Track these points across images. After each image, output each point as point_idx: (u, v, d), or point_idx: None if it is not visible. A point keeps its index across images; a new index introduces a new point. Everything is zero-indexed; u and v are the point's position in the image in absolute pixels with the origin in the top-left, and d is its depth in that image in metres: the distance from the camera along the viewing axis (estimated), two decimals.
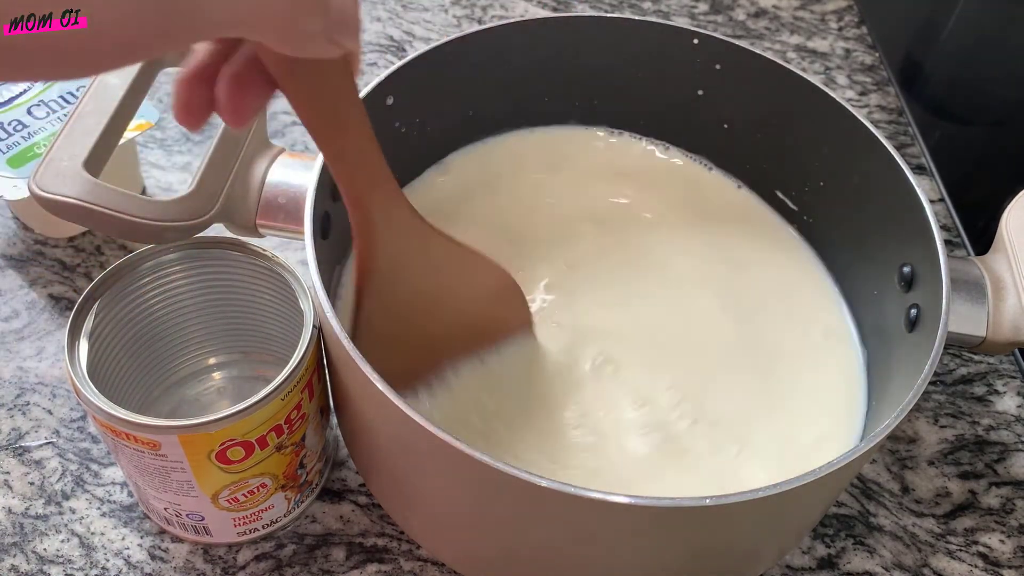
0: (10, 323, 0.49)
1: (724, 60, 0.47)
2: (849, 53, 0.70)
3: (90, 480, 0.43)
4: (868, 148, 0.42)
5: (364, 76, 0.64)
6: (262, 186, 0.39)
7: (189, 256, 0.40)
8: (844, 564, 0.43)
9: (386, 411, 0.32)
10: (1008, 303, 0.39)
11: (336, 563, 0.41)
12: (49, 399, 0.46)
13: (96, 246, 0.52)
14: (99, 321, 0.38)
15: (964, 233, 0.57)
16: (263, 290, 0.41)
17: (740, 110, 0.48)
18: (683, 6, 0.73)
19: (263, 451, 0.36)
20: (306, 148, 0.59)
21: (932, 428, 0.48)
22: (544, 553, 0.36)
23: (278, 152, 0.40)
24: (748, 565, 0.39)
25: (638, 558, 0.34)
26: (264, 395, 0.35)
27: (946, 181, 0.60)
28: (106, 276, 0.38)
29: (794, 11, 0.73)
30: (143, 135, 0.52)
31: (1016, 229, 0.41)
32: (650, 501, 0.30)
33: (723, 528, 0.34)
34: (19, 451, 0.44)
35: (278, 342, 0.42)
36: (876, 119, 0.65)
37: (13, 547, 0.41)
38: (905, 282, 0.41)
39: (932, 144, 0.62)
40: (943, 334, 0.35)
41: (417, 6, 0.70)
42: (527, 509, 0.33)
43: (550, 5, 0.72)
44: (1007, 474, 0.46)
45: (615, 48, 0.48)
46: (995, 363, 0.51)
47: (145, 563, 0.41)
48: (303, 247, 0.36)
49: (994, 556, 0.44)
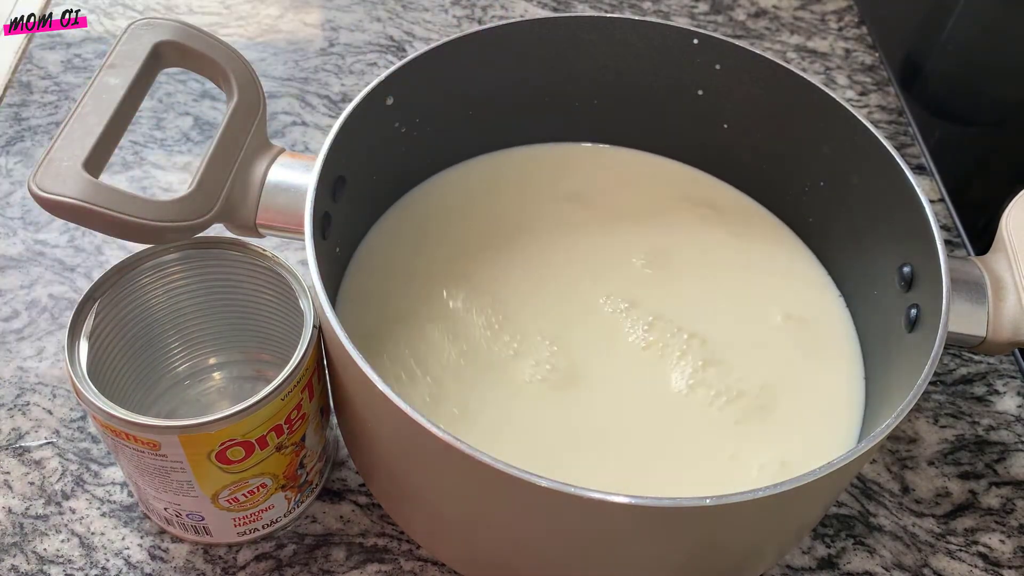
0: (10, 323, 0.49)
1: (724, 60, 0.47)
2: (849, 53, 0.70)
3: (90, 480, 0.43)
4: (868, 148, 0.42)
5: (364, 76, 0.64)
6: (262, 186, 0.39)
7: (189, 256, 0.40)
8: (844, 564, 0.43)
9: (386, 411, 0.32)
10: (1008, 303, 0.39)
11: (336, 563, 0.41)
12: (49, 399, 0.46)
13: (96, 246, 0.52)
14: (99, 321, 0.38)
15: (964, 233, 0.57)
16: (263, 290, 0.41)
17: (740, 110, 0.48)
18: (683, 6, 0.73)
19: (263, 451, 0.36)
20: (306, 148, 0.59)
21: (932, 428, 0.48)
22: (544, 553, 0.36)
23: (278, 152, 0.40)
24: (748, 565, 0.39)
25: (638, 558, 0.34)
26: (264, 395, 0.35)
27: (946, 181, 0.60)
28: (106, 276, 0.38)
29: (794, 11, 0.73)
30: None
31: (1016, 229, 0.41)
32: (650, 501, 0.30)
33: (723, 528, 0.33)
34: (19, 451, 0.44)
35: (278, 342, 0.42)
36: (876, 119, 0.65)
37: (13, 547, 0.41)
38: (905, 282, 0.41)
39: (932, 144, 0.62)
40: (943, 334, 0.35)
41: (417, 6, 0.70)
42: (527, 509, 0.33)
43: (550, 5, 0.72)
44: (1007, 474, 0.46)
45: (615, 48, 0.48)
46: (995, 363, 0.51)
47: (145, 563, 0.41)
48: (303, 247, 0.36)
49: (994, 556, 0.44)
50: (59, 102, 0.60)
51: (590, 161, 0.52)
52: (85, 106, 0.37)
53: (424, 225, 0.48)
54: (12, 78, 0.61)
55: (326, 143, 0.39)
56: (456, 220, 0.48)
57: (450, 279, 0.45)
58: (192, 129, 0.59)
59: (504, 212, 0.49)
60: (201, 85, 0.62)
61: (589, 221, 0.49)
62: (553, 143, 0.52)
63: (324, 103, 0.62)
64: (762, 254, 0.48)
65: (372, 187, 0.46)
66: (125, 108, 0.38)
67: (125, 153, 0.57)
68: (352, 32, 0.68)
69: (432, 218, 0.48)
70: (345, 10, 0.69)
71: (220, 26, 0.67)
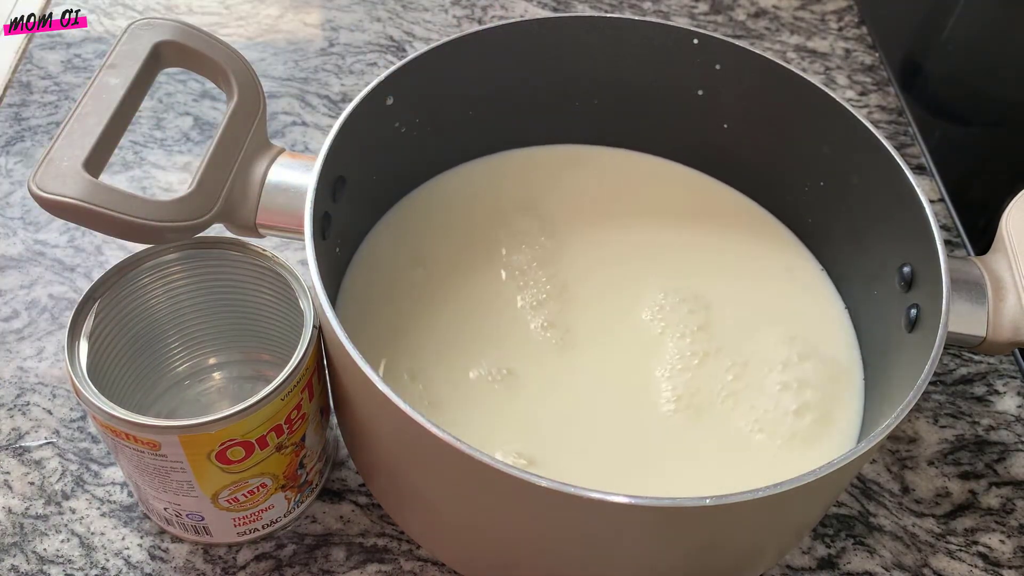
0: (10, 323, 0.49)
1: (724, 60, 0.46)
2: (849, 53, 0.70)
3: (90, 480, 0.43)
4: (868, 148, 0.42)
5: (364, 76, 0.64)
6: (262, 186, 0.39)
7: (189, 256, 0.40)
8: (844, 564, 0.43)
9: (386, 411, 0.32)
10: (1008, 303, 0.39)
11: (336, 563, 0.41)
12: (49, 399, 0.46)
13: (96, 246, 0.52)
14: (99, 321, 0.38)
15: (964, 233, 0.57)
16: (263, 290, 0.41)
17: (740, 110, 0.48)
18: (683, 6, 0.73)
19: (263, 451, 0.36)
20: (306, 148, 0.59)
21: (932, 428, 0.48)
22: (544, 553, 0.36)
23: (278, 152, 0.40)
24: (748, 565, 0.39)
25: (638, 558, 0.34)
26: (264, 395, 0.35)
27: (946, 181, 0.60)
28: (106, 276, 0.38)
29: (794, 11, 0.73)
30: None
31: (1016, 229, 0.41)
32: (650, 501, 0.30)
33: (723, 528, 0.33)
34: (19, 451, 0.44)
35: (278, 342, 0.42)
36: (876, 119, 0.65)
37: (13, 547, 0.41)
38: (905, 282, 0.41)
39: (932, 144, 0.62)
40: (943, 334, 0.35)
41: (417, 6, 0.70)
42: (527, 509, 0.33)
43: (550, 5, 0.72)
44: (1007, 474, 0.46)
45: (615, 48, 0.48)
46: (995, 363, 0.51)
47: (145, 563, 0.41)
48: (303, 247, 0.36)
49: (994, 556, 0.44)
50: (59, 102, 0.60)
51: (590, 162, 0.52)
52: (85, 106, 0.37)
53: (424, 225, 0.48)
54: (12, 78, 0.61)
55: (326, 143, 0.39)
56: (456, 220, 0.48)
57: (450, 279, 0.45)
58: (192, 129, 0.59)
59: (504, 213, 0.49)
60: (201, 85, 0.62)
61: (588, 222, 0.49)
62: (553, 144, 0.52)
63: (324, 103, 0.62)
64: (761, 254, 0.48)
65: (372, 187, 0.46)
66: (125, 108, 0.38)
67: (125, 153, 0.57)
68: (352, 32, 0.68)
69: (432, 218, 0.48)
70: (345, 10, 0.69)
71: (220, 26, 0.67)
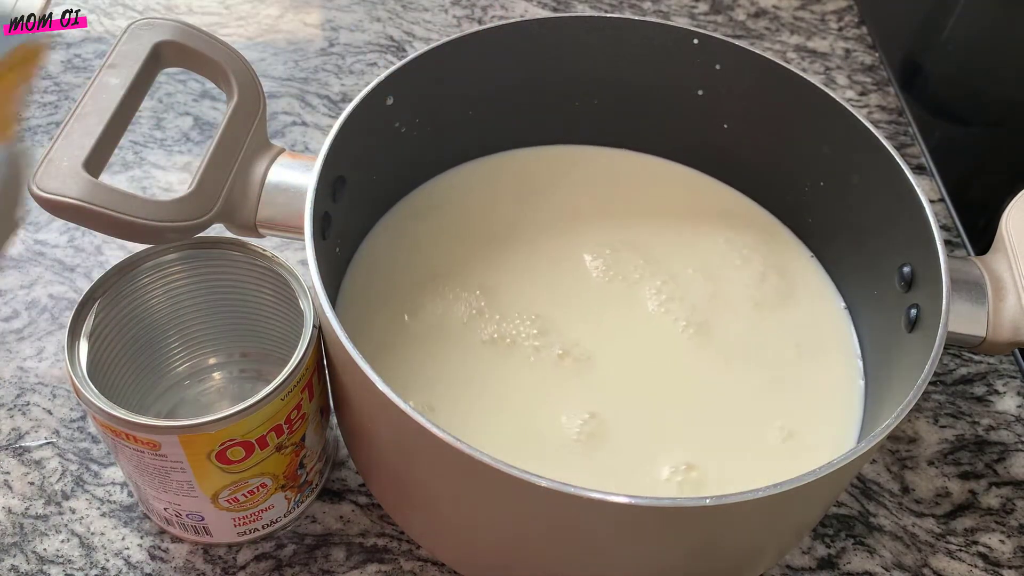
0: (10, 323, 0.49)
1: (724, 60, 0.46)
2: (849, 53, 0.70)
3: (90, 480, 0.43)
4: (868, 148, 0.42)
5: (364, 76, 0.64)
6: (262, 186, 0.39)
7: (189, 256, 0.40)
8: (844, 564, 0.43)
9: (386, 411, 0.32)
10: (1008, 303, 0.39)
11: (336, 563, 0.41)
12: (49, 399, 0.46)
13: (96, 246, 0.52)
14: (99, 321, 0.38)
15: (964, 233, 0.57)
16: (263, 290, 0.41)
17: (740, 110, 0.48)
18: (683, 6, 0.73)
19: (263, 451, 0.36)
20: (306, 148, 0.59)
21: (932, 428, 0.48)
22: (544, 553, 0.36)
23: (278, 152, 0.40)
24: (748, 565, 0.39)
25: (638, 558, 0.34)
26: (264, 395, 0.35)
27: (946, 181, 0.60)
28: (106, 276, 0.38)
29: (794, 11, 0.73)
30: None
31: (1016, 229, 0.41)
32: (650, 501, 0.30)
33: (723, 528, 0.33)
34: (19, 451, 0.44)
35: (278, 342, 0.42)
36: (876, 119, 0.65)
37: (13, 547, 0.41)
38: (905, 282, 0.41)
39: (932, 144, 0.62)
40: (943, 334, 0.35)
41: (417, 6, 0.70)
42: (527, 509, 0.33)
43: (550, 5, 0.72)
44: (1007, 474, 0.46)
45: (615, 48, 0.48)
46: (995, 363, 0.51)
47: (145, 563, 0.41)
48: (303, 247, 0.36)
49: (994, 556, 0.44)
50: (59, 102, 0.60)
51: (590, 162, 0.52)
52: (85, 106, 0.37)
53: (424, 225, 0.48)
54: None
55: (326, 143, 0.39)
56: (456, 220, 0.48)
57: (450, 279, 0.45)
58: (192, 129, 0.59)
59: (504, 213, 0.49)
60: (201, 85, 0.62)
61: (589, 222, 0.49)
62: (553, 144, 0.52)
63: (324, 103, 0.62)
64: (761, 254, 0.48)
65: (372, 187, 0.46)
66: (125, 108, 0.38)
67: (125, 153, 0.57)
68: (352, 32, 0.68)
69: (432, 218, 0.48)
70: (345, 10, 0.70)
71: (220, 26, 0.67)
